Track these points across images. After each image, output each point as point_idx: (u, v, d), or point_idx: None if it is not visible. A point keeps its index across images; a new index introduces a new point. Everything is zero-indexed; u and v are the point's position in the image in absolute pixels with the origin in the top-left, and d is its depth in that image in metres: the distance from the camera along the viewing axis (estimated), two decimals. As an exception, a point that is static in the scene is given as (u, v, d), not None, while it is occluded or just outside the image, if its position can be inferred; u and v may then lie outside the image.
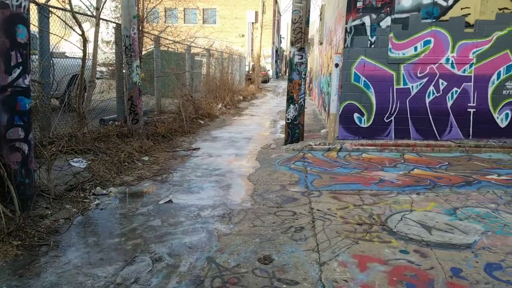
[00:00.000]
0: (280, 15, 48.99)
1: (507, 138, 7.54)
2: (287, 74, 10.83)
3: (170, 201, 4.45)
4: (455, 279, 2.77)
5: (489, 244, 3.33)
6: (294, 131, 7.82)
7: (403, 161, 6.53)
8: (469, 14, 7.42)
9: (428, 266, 2.94)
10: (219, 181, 5.32)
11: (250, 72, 28.70)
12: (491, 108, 7.59)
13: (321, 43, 14.97)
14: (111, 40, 9.25)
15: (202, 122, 10.77)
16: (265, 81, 34.72)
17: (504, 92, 7.51)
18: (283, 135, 8.32)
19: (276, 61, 50.51)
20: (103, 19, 7.98)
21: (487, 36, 7.39)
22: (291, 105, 7.75)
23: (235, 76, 18.32)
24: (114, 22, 8.75)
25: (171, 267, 2.96)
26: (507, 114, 7.56)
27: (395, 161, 6.53)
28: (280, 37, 58.22)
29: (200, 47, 14.74)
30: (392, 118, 7.83)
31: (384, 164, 6.28)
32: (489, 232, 3.58)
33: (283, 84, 26.97)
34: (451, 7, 7.45)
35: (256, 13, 38.51)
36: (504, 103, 7.54)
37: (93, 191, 4.63)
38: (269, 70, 40.70)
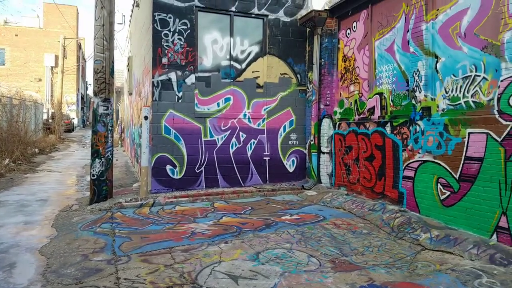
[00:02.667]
0: (85, 60, 46.18)
1: (295, 181, 8.91)
2: (92, 125, 10.00)
3: None
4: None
5: (287, 285, 3.69)
6: (101, 188, 7.17)
7: (213, 210, 6.80)
8: (259, 77, 8.68)
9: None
10: (-1, 261, 4.25)
11: (50, 121, 25.51)
12: (281, 156, 8.87)
13: (130, 94, 14.69)
14: None
15: (-21, 183, 8.68)
16: (69, 130, 31.52)
17: (289, 142, 8.94)
18: (88, 193, 7.50)
19: (82, 109, 46.74)
20: None
21: (274, 96, 8.77)
22: (97, 160, 7.13)
23: (29, 125, 15.84)
24: None
25: None
26: (293, 161, 8.98)
27: (206, 210, 6.73)
28: (87, 83, 54.64)
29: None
30: (202, 168, 8.18)
31: (196, 215, 6.38)
32: (286, 273, 3.99)
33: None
34: (244, 70, 8.56)
35: (56, 57, 35.22)
36: (290, 151, 8.95)
37: None
38: (73, 118, 37.17)
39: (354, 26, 7.68)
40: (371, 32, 7.14)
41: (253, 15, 8.60)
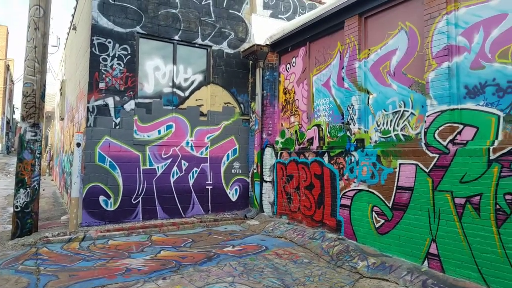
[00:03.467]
0: (13, 83, 43.00)
1: (237, 210, 8.83)
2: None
3: None
4: None
5: (228, 320, 3.55)
6: (25, 221, 6.50)
7: (150, 243, 6.45)
8: (203, 105, 8.65)
9: None
10: None
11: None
12: (224, 184, 8.78)
13: (62, 119, 13.83)
14: None
15: None
16: (-9, 156, 28.60)
17: (233, 171, 8.90)
18: (10, 227, 6.76)
19: (7, 134, 42.96)
20: None
21: (217, 124, 8.75)
22: (22, 190, 6.50)
23: None
24: None
25: None
26: (236, 189, 8.92)
27: (142, 244, 6.36)
28: (13, 107, 50.63)
29: None
30: (140, 199, 7.80)
31: (132, 250, 5.99)
32: (228, 307, 3.85)
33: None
34: (188, 97, 8.49)
35: (-20, 76, 32.34)
36: (233, 180, 8.90)
37: None
38: (-4, 144, 33.96)
39: (294, 61, 8.03)
40: (309, 67, 7.51)
41: (197, 45, 8.65)
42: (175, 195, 8.22)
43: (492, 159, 4.11)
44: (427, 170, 4.88)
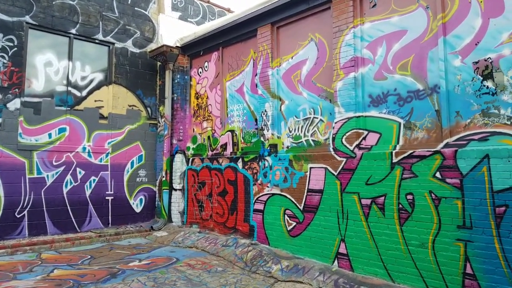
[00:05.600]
0: None
1: (143, 222, 8.20)
2: None
3: None
4: None
5: None
6: None
7: (40, 262, 5.55)
8: (103, 107, 7.89)
9: None
10: None
11: None
12: (127, 194, 8.09)
13: None
14: None
15: None
16: None
17: (137, 179, 8.26)
18: None
19: None
20: None
21: (120, 128, 8.06)
22: None
23: None
24: None
25: None
26: (141, 200, 8.29)
27: (31, 264, 5.44)
28: None
29: None
30: (25, 212, 6.71)
31: (18, 271, 5.07)
32: (141, 328, 3.44)
33: None
34: (85, 98, 7.66)
35: None
36: (138, 189, 8.26)
37: None
38: None
39: (206, 66, 7.87)
40: (223, 73, 7.43)
41: (97, 41, 7.90)
42: (68, 207, 7.28)
43: (394, 162, 4.49)
44: (335, 173, 5.13)
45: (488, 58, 3.87)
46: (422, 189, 4.21)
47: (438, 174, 4.08)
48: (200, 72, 8.02)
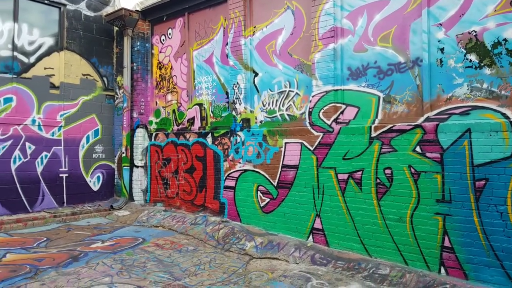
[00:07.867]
0: None
1: (101, 201, 7.68)
2: None
3: None
4: None
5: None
6: None
7: (-13, 247, 4.99)
8: (54, 75, 7.14)
9: None
10: None
11: None
12: (83, 172, 7.50)
13: None
14: None
15: None
16: None
17: (94, 155, 7.67)
18: None
19: None
20: None
21: (74, 100, 7.37)
22: None
23: None
24: None
25: None
26: (98, 177, 7.74)
27: (-25, 250, 4.87)
28: None
29: None
30: (-34, 191, 5.99)
31: (-41, 259, 4.50)
32: (114, 315, 3.15)
33: None
34: (33, 65, 6.88)
35: None
36: (95, 166, 7.68)
37: None
38: None
39: (170, 33, 7.33)
40: (189, 41, 6.94)
41: (46, 1, 7.05)
42: (18, 185, 6.62)
43: (373, 136, 4.42)
44: (312, 148, 5.00)
45: (472, 31, 3.82)
46: (401, 164, 4.18)
47: (418, 149, 4.06)
48: (163, 40, 7.46)
